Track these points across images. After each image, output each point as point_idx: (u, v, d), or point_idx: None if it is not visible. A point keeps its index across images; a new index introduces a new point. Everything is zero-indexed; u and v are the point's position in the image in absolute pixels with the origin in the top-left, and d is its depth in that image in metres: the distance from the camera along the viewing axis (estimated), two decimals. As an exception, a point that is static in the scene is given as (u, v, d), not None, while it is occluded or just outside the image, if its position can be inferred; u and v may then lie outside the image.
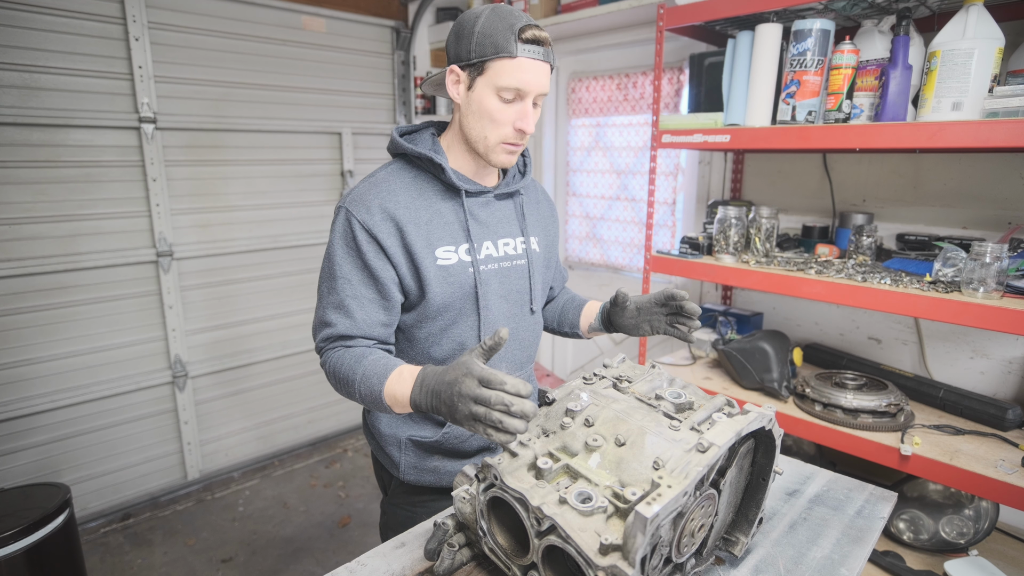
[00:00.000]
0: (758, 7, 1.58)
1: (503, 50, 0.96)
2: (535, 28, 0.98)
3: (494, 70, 0.98)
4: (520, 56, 0.97)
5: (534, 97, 1.01)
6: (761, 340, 1.85)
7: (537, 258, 1.20)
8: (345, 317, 1.03)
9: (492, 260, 1.11)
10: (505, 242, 1.14)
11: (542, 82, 1.01)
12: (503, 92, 0.99)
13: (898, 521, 1.69)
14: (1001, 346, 1.74)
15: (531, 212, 1.22)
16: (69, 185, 2.38)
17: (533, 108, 1.03)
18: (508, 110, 1.01)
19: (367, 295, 1.04)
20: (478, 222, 1.11)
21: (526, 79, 0.98)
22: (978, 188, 1.74)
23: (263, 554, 2.46)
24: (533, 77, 0.99)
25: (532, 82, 0.99)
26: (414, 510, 1.20)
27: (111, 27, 2.39)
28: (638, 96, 2.79)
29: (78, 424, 2.53)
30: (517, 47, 0.96)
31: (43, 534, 1.77)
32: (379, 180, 1.08)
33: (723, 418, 0.83)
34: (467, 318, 1.10)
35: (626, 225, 3.02)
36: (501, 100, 1.00)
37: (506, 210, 1.16)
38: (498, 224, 1.14)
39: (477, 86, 1.00)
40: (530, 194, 1.25)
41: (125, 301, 2.59)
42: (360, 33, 3.16)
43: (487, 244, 1.11)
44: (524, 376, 1.22)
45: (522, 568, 0.81)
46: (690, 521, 0.76)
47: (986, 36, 1.29)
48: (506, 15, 0.98)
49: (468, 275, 1.08)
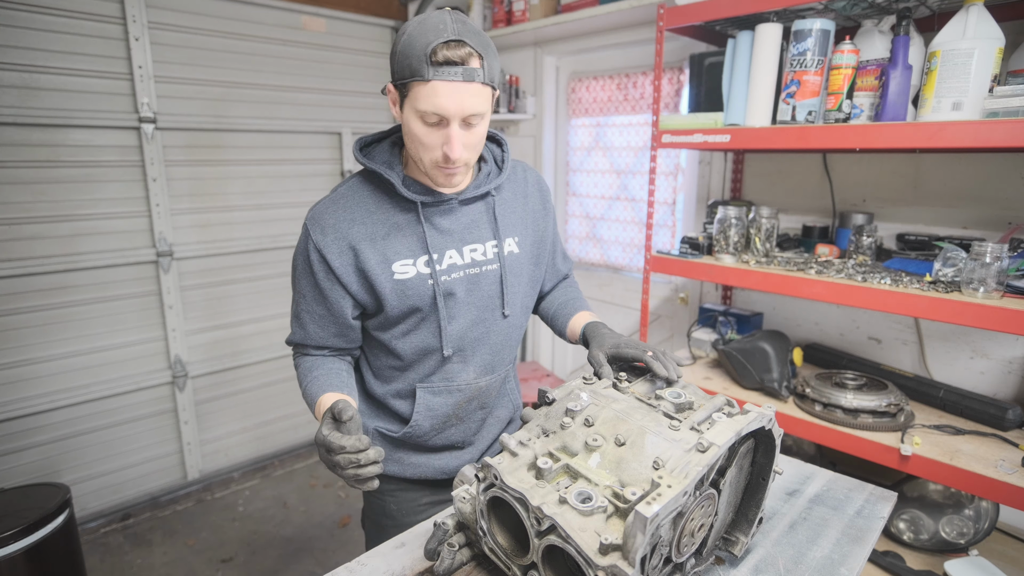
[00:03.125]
0: (758, 7, 1.58)
1: (417, 73, 0.89)
2: (453, 46, 0.89)
3: (414, 93, 0.92)
4: (433, 80, 0.89)
5: (466, 118, 0.94)
6: (761, 340, 1.85)
7: (515, 260, 1.15)
8: (300, 328, 1.11)
9: (457, 268, 1.08)
10: (473, 248, 1.09)
11: (466, 104, 0.92)
12: (425, 116, 0.93)
13: (898, 521, 1.69)
14: (1001, 346, 1.74)
15: (511, 210, 1.15)
16: (69, 185, 2.38)
17: (468, 129, 0.95)
18: (434, 134, 0.95)
19: (318, 311, 1.08)
20: (440, 231, 1.07)
21: (442, 104, 0.90)
22: (978, 188, 1.74)
23: (263, 554, 2.46)
24: (450, 102, 0.90)
25: (449, 107, 0.91)
26: (384, 499, 1.24)
27: (111, 27, 2.39)
28: (638, 96, 2.79)
29: (78, 424, 2.53)
30: (429, 70, 0.89)
31: (43, 534, 1.77)
32: (339, 196, 1.06)
33: (723, 418, 0.83)
34: (429, 325, 1.09)
35: (626, 225, 3.02)
36: (425, 124, 0.94)
37: (475, 214, 1.10)
38: (464, 231, 1.09)
39: (405, 108, 0.95)
40: (512, 188, 1.17)
41: (125, 301, 2.59)
42: (360, 33, 3.16)
43: (450, 253, 1.07)
44: (498, 378, 1.20)
45: (522, 568, 0.81)
46: (690, 521, 0.76)
47: (986, 36, 1.29)
48: (427, 30, 0.89)
49: (427, 287, 1.06)
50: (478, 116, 0.95)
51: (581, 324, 1.22)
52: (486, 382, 1.17)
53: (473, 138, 0.97)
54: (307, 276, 1.06)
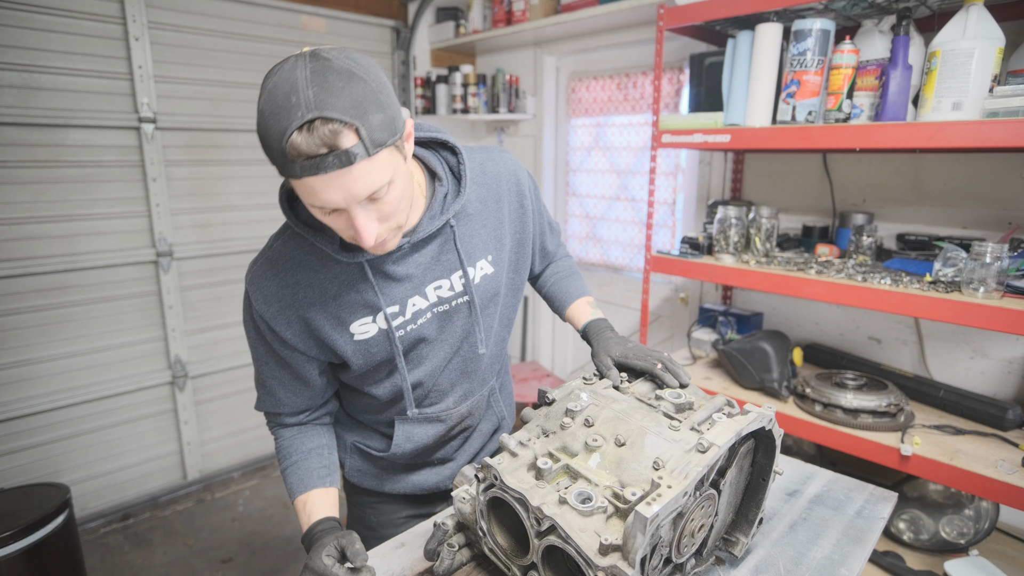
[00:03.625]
0: (758, 7, 1.58)
1: (284, 171, 0.72)
2: (310, 132, 0.68)
3: (295, 187, 0.74)
4: (304, 177, 0.71)
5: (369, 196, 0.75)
6: (761, 340, 1.85)
7: (490, 281, 1.03)
8: (269, 395, 1.02)
9: (422, 313, 0.97)
10: (437, 285, 0.97)
11: (355, 191, 0.73)
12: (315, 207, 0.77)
13: (898, 521, 1.68)
14: (1001, 346, 1.74)
15: (480, 225, 1.01)
16: (69, 185, 2.38)
17: (376, 202, 0.77)
18: (335, 220, 0.78)
19: (283, 376, 0.99)
20: (397, 280, 0.93)
21: (325, 200, 0.73)
22: (978, 188, 1.74)
23: (263, 554, 2.46)
24: (334, 196, 0.73)
25: (336, 201, 0.73)
26: (364, 511, 1.22)
27: (111, 27, 2.39)
28: (638, 96, 2.79)
29: (78, 424, 2.53)
30: (295, 168, 0.70)
31: (43, 534, 1.77)
32: (277, 256, 0.92)
33: (723, 418, 0.83)
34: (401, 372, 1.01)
35: (626, 225, 3.02)
36: (321, 211, 0.77)
37: (433, 251, 0.96)
38: (424, 272, 0.96)
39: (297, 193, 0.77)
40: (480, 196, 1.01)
41: (125, 301, 2.58)
42: (360, 33, 3.16)
43: (413, 300, 0.96)
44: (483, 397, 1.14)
45: (522, 568, 0.81)
46: (690, 521, 0.76)
47: (986, 36, 1.29)
48: (278, 110, 0.69)
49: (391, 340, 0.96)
50: (382, 189, 0.76)
51: (581, 318, 1.17)
52: (468, 407, 1.11)
53: (388, 207, 0.79)
54: (262, 344, 0.96)
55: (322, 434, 1.07)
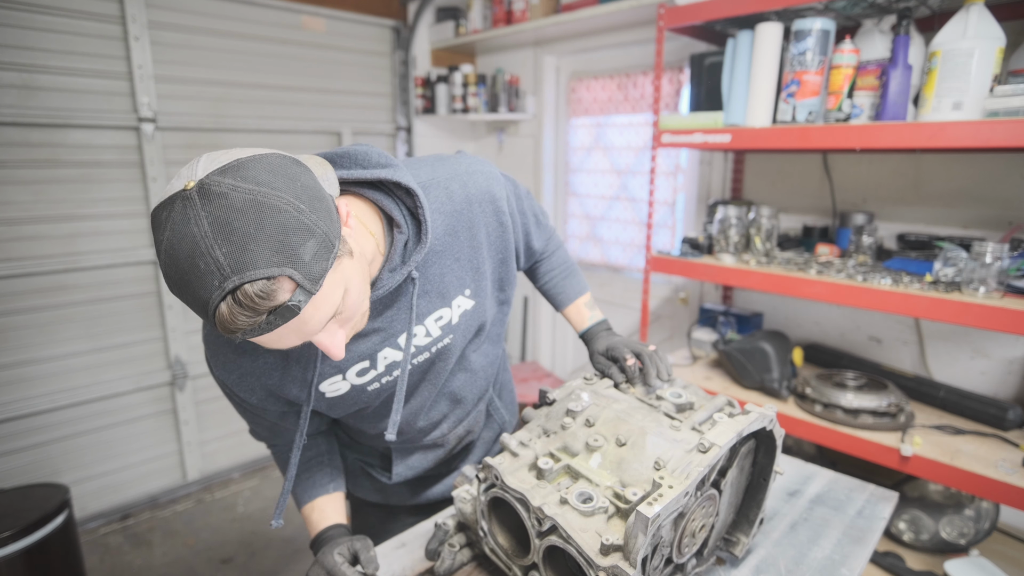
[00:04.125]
0: (758, 7, 1.58)
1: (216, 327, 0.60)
2: (235, 311, 0.57)
3: None
4: (246, 339, 0.61)
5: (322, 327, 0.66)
6: (761, 340, 1.85)
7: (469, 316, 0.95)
8: (256, 434, 1.00)
9: (396, 365, 0.90)
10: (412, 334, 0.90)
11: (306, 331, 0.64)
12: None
13: (899, 521, 1.68)
14: (1002, 346, 1.74)
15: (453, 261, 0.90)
16: (69, 185, 2.38)
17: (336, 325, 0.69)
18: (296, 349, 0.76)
19: (265, 423, 0.94)
20: (363, 337, 0.85)
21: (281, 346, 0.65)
22: (979, 188, 1.74)
23: (263, 554, 2.46)
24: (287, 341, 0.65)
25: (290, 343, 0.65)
26: (370, 520, 1.21)
27: (110, 27, 2.39)
28: (638, 96, 2.79)
29: (78, 424, 2.53)
30: (236, 337, 0.60)
31: (42, 534, 1.77)
32: None
33: (724, 418, 0.83)
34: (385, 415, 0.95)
35: (626, 225, 3.02)
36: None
37: (401, 303, 0.86)
38: (391, 324, 0.87)
39: None
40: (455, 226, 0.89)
41: (125, 301, 2.58)
42: (360, 33, 3.16)
43: (385, 352, 0.88)
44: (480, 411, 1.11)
45: (523, 568, 0.81)
46: (691, 521, 0.76)
47: (987, 36, 1.29)
48: (188, 284, 0.57)
49: (368, 394, 0.90)
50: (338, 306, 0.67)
51: (579, 323, 1.15)
52: (464, 428, 1.08)
53: (348, 311, 0.69)
54: (232, 397, 0.89)
55: (321, 443, 1.05)
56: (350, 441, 1.14)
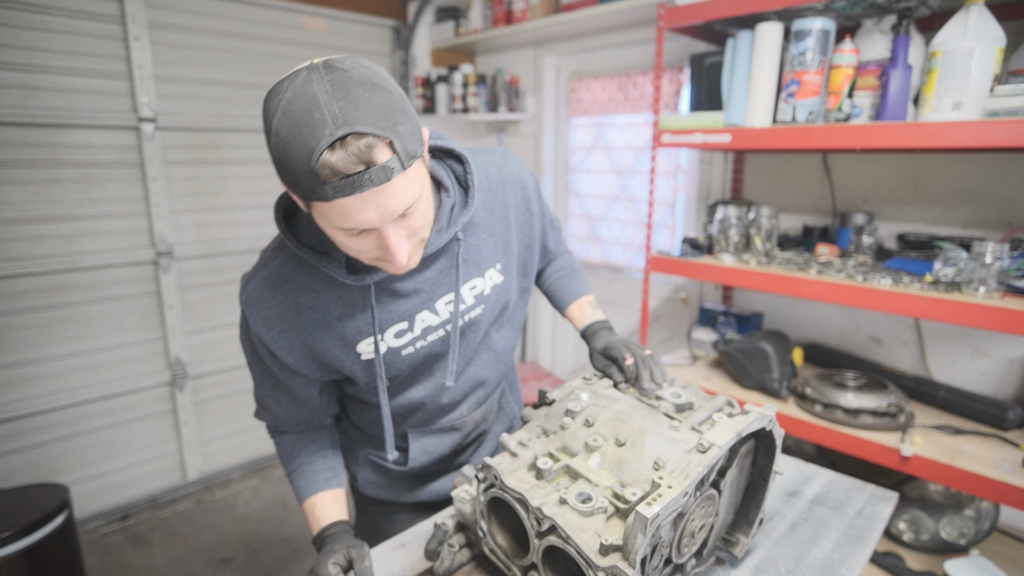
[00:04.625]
0: (758, 7, 1.58)
1: (311, 195, 0.67)
2: (341, 147, 0.63)
3: (319, 210, 0.70)
4: (336, 198, 0.66)
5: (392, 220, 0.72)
6: (761, 340, 1.85)
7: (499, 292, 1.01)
8: (268, 413, 1.02)
9: (432, 329, 0.94)
10: (448, 300, 0.95)
11: (389, 209, 0.70)
12: (343, 231, 0.72)
13: (898, 521, 1.68)
14: (1002, 346, 1.74)
15: (488, 235, 0.97)
16: (68, 185, 2.38)
17: (406, 218, 0.74)
18: (362, 241, 0.74)
19: (282, 397, 0.98)
20: (404, 297, 0.90)
21: (359, 220, 0.69)
22: (979, 188, 1.74)
23: (263, 554, 2.46)
24: (369, 215, 0.69)
25: (371, 220, 0.70)
26: (377, 520, 1.21)
27: (110, 27, 2.39)
28: (638, 96, 2.79)
29: (78, 424, 2.53)
30: (326, 190, 0.65)
31: (42, 534, 1.77)
32: (274, 277, 0.86)
33: (723, 418, 0.83)
34: (411, 385, 0.99)
35: (626, 225, 3.02)
36: (347, 234, 0.73)
37: (442, 266, 0.92)
38: (433, 287, 0.92)
39: (315, 216, 0.73)
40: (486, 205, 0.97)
41: (125, 301, 2.58)
42: (360, 33, 3.16)
43: (422, 316, 0.92)
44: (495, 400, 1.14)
45: (522, 568, 0.81)
46: (690, 521, 0.76)
47: (987, 36, 1.29)
48: (300, 130, 0.64)
49: (401, 359, 0.94)
50: (413, 204, 0.73)
51: (580, 321, 1.17)
52: (481, 413, 1.11)
53: (416, 221, 0.76)
54: (259, 365, 0.93)
55: (324, 436, 1.06)
56: (362, 436, 1.14)
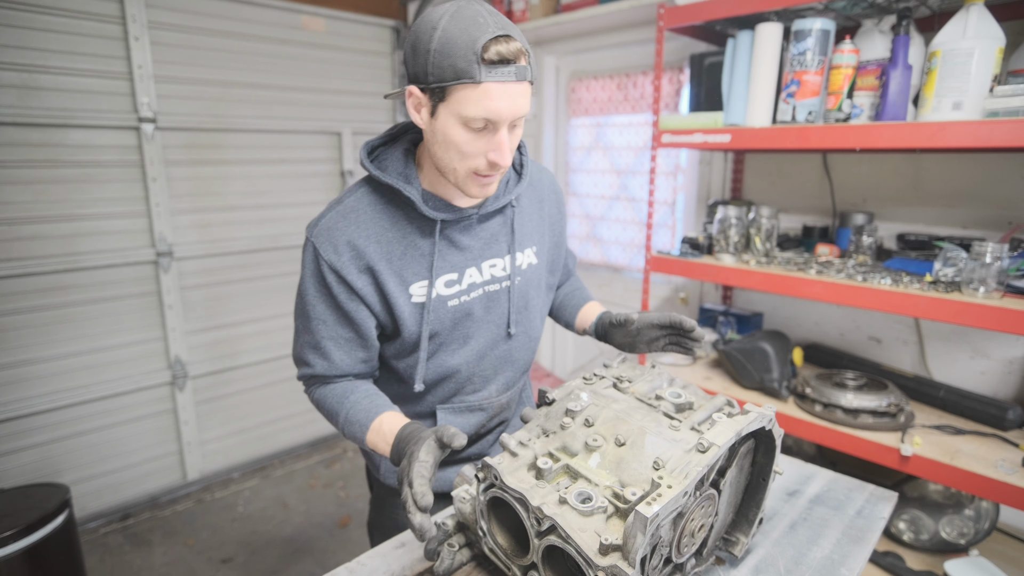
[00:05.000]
0: (758, 7, 1.58)
1: (464, 75, 0.79)
2: (503, 42, 0.80)
3: (457, 97, 0.81)
4: (486, 81, 0.80)
5: (511, 122, 0.86)
6: (761, 340, 1.85)
7: (534, 271, 1.10)
8: (322, 359, 1.01)
9: (476, 287, 1.02)
10: (492, 263, 1.04)
11: (517, 106, 0.84)
12: (470, 122, 0.83)
13: (898, 521, 1.68)
14: (1001, 346, 1.74)
15: (529, 219, 1.09)
16: (69, 185, 2.38)
17: (511, 132, 0.87)
18: (478, 141, 0.85)
19: (344, 335, 1.00)
20: (459, 248, 1.00)
21: (495, 107, 0.82)
22: (978, 188, 1.74)
23: (263, 554, 2.46)
24: (504, 104, 0.82)
25: (503, 110, 0.82)
26: (395, 511, 1.20)
27: (111, 27, 2.39)
28: (638, 96, 2.79)
29: (78, 424, 2.53)
30: (481, 70, 0.79)
31: (43, 534, 1.77)
32: (347, 210, 0.96)
33: (723, 418, 0.83)
34: (448, 348, 1.04)
35: (626, 225, 3.02)
36: (469, 130, 0.84)
37: (494, 228, 1.04)
38: (483, 246, 1.03)
39: (440, 114, 0.85)
40: (530, 194, 1.11)
41: (125, 301, 2.58)
42: (360, 33, 3.16)
43: (470, 272, 1.01)
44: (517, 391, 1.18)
45: (522, 568, 0.81)
46: (690, 521, 0.76)
47: (987, 36, 1.29)
48: (467, 26, 0.79)
49: (447, 309, 1.00)
50: (523, 118, 0.88)
51: (595, 311, 1.21)
52: (506, 398, 1.15)
53: (516, 138, 0.89)
54: (325, 299, 0.97)
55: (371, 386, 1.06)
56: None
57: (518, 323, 1.09)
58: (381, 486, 1.22)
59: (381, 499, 1.24)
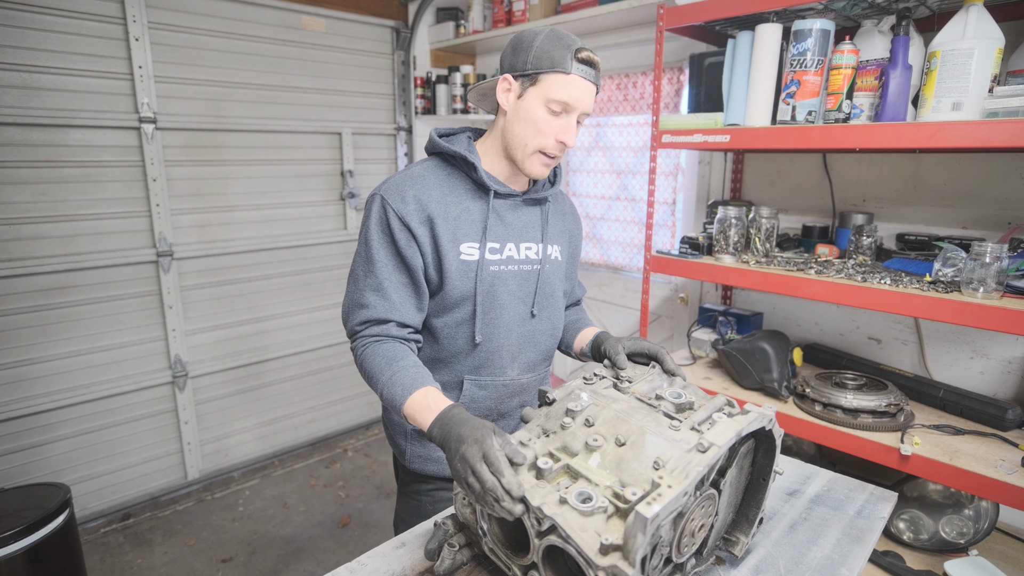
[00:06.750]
0: (758, 7, 1.58)
1: (559, 65, 1.03)
2: (590, 51, 1.05)
3: (547, 82, 1.04)
4: (574, 73, 1.03)
5: (578, 115, 1.07)
6: (761, 340, 1.85)
7: (556, 266, 1.24)
8: (383, 299, 1.09)
9: (513, 261, 1.16)
10: (527, 246, 1.18)
11: (588, 101, 1.07)
12: (552, 104, 1.05)
13: (898, 521, 1.69)
14: (1001, 346, 1.74)
15: (556, 221, 1.26)
16: (69, 185, 2.38)
17: (578, 123, 1.08)
18: (554, 122, 1.06)
19: (401, 279, 1.10)
20: (504, 223, 1.15)
21: (576, 95, 1.04)
22: (978, 188, 1.74)
23: (263, 554, 2.46)
24: (582, 95, 1.05)
25: (580, 99, 1.05)
26: (420, 499, 1.25)
27: (111, 27, 2.39)
28: (638, 96, 2.79)
29: (78, 424, 2.53)
30: (572, 65, 1.03)
31: (43, 534, 1.77)
32: (415, 174, 1.13)
33: (723, 418, 0.83)
34: (481, 312, 1.14)
35: (626, 225, 3.02)
36: (549, 111, 1.06)
37: (532, 215, 1.20)
38: (523, 228, 1.18)
39: (528, 95, 1.06)
40: (557, 204, 1.28)
41: (125, 301, 2.59)
42: (360, 33, 3.16)
43: (510, 245, 1.16)
44: (538, 377, 1.26)
45: (522, 568, 0.81)
46: (690, 521, 0.76)
47: (986, 36, 1.29)
48: (564, 36, 1.05)
49: (488, 272, 1.13)
50: (586, 116, 1.09)
51: (592, 333, 1.28)
52: (527, 379, 1.23)
53: (578, 131, 1.10)
54: (387, 244, 1.09)
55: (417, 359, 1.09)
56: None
57: (542, 307, 1.21)
58: (407, 472, 1.27)
59: (404, 487, 1.30)
